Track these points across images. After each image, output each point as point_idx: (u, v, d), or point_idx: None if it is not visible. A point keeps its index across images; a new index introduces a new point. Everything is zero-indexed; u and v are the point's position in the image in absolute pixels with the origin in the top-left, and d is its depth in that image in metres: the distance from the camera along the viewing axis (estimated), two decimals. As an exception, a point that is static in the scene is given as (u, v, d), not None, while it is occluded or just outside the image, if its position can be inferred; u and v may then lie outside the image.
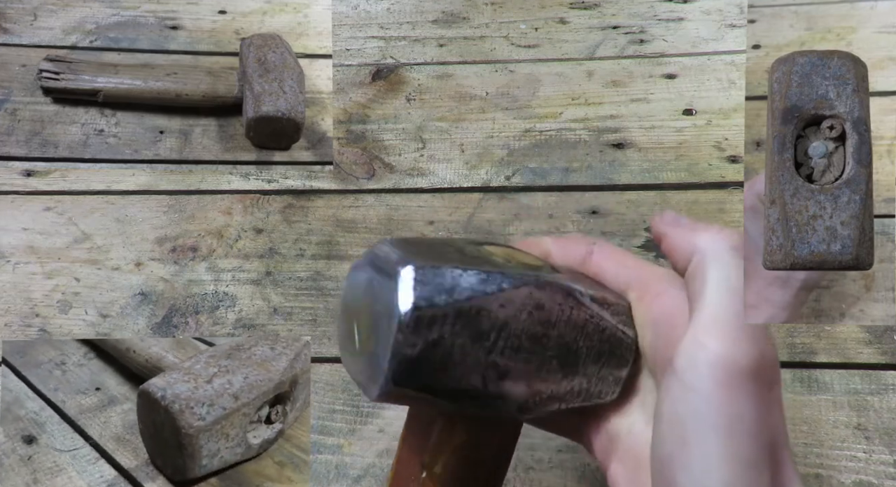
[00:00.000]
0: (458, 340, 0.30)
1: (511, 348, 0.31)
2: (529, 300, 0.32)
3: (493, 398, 0.32)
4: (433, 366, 0.30)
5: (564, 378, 0.33)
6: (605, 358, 0.34)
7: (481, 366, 0.31)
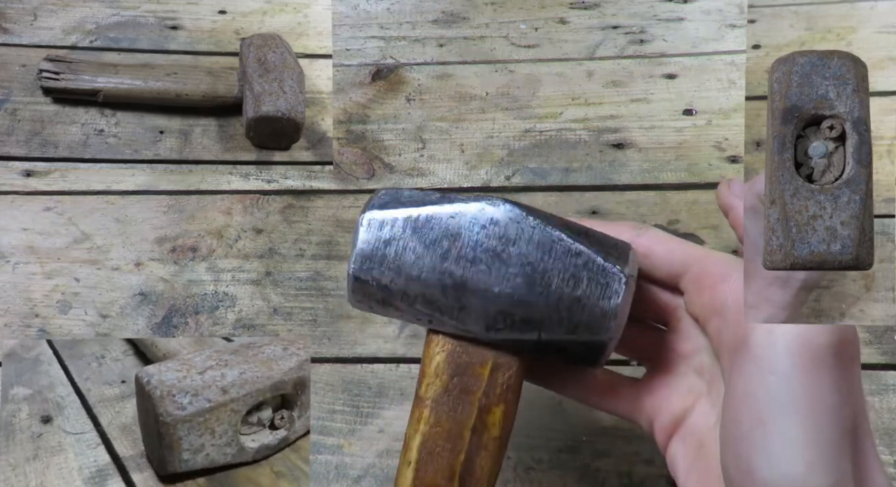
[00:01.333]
0: (411, 243, 0.34)
1: (466, 259, 0.33)
2: (482, 214, 0.34)
3: (454, 308, 0.33)
4: (388, 263, 0.34)
5: (535, 301, 0.33)
6: (586, 287, 0.33)
7: (437, 272, 0.33)
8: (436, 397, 0.35)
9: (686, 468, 0.35)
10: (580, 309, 0.33)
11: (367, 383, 0.58)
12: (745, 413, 0.29)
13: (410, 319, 0.35)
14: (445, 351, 0.35)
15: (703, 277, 0.34)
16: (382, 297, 0.35)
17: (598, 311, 0.33)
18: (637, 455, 0.56)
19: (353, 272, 0.35)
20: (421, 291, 0.34)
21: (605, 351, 0.34)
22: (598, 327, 0.33)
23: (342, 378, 0.59)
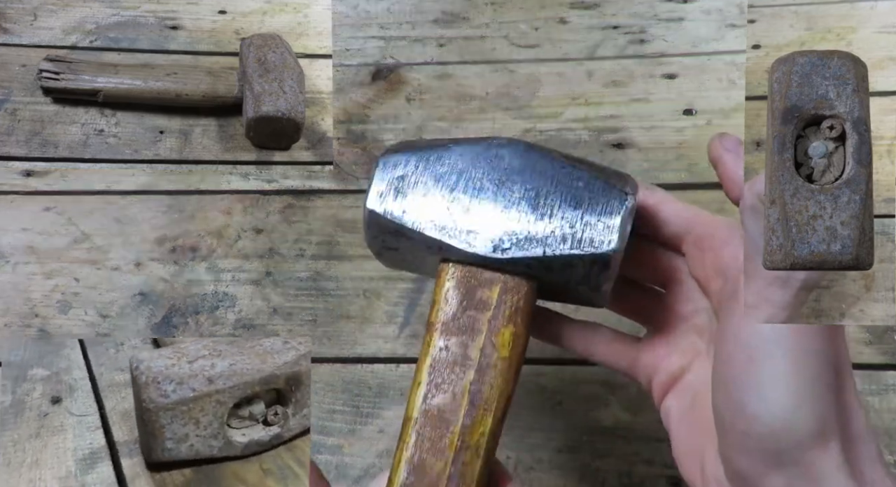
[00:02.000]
0: (422, 178, 0.36)
1: (473, 187, 0.36)
2: (488, 151, 0.37)
3: (462, 232, 0.36)
4: (400, 196, 0.36)
5: (539, 219, 0.35)
6: (588, 205, 0.35)
7: (446, 200, 0.36)
8: (445, 321, 0.35)
9: (678, 418, 0.37)
10: (583, 224, 0.35)
11: (367, 383, 0.58)
12: (736, 355, 0.31)
13: (421, 249, 0.37)
14: (455, 278, 0.36)
15: (707, 239, 0.36)
16: (395, 228, 0.37)
17: (600, 225, 0.35)
18: (637, 455, 0.56)
19: (368, 206, 0.37)
20: (431, 218, 0.36)
21: (608, 270, 0.35)
22: (600, 240, 0.35)
23: (342, 378, 0.59)
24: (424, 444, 0.34)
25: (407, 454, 0.34)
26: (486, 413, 0.34)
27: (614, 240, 0.35)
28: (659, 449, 0.55)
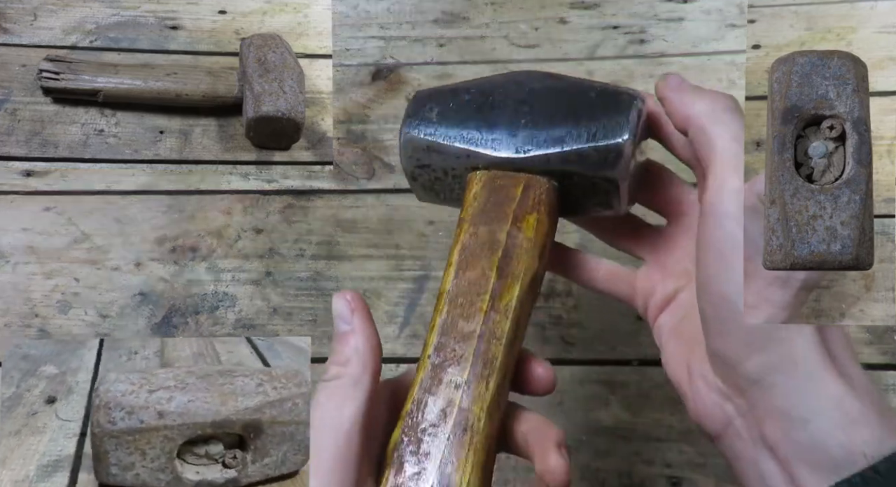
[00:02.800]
0: (451, 104, 0.41)
1: (497, 105, 0.40)
2: (509, 79, 0.41)
3: (487, 140, 0.40)
4: (432, 119, 0.41)
5: (556, 124, 0.39)
6: (601, 108, 0.39)
7: (472, 118, 0.40)
8: (474, 213, 0.39)
9: (669, 331, 0.40)
10: (596, 123, 0.38)
11: (367, 383, 0.58)
12: (711, 256, 0.35)
13: (451, 160, 0.41)
14: (483, 182, 0.40)
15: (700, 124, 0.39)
16: (427, 145, 0.41)
17: (612, 123, 0.38)
18: (637, 455, 0.56)
19: (404, 129, 0.42)
20: (459, 132, 0.40)
21: (622, 160, 0.38)
22: (613, 133, 0.38)
23: (342, 378, 0.59)
24: (456, 310, 0.36)
25: (440, 319, 0.36)
26: (513, 282, 0.37)
27: (625, 132, 0.38)
28: (659, 449, 0.55)
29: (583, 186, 0.39)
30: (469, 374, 0.35)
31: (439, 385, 0.35)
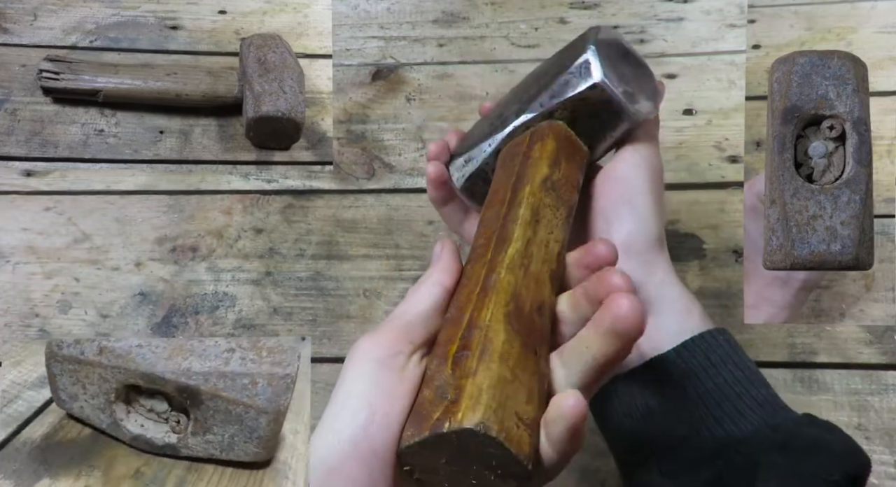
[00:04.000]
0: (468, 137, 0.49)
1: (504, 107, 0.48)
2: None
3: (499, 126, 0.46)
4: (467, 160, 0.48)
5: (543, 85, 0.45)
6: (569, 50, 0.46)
7: (487, 123, 0.48)
8: (498, 172, 0.44)
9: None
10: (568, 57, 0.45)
11: (367, 383, 0.58)
12: (618, 187, 0.44)
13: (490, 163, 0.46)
14: (503, 153, 0.45)
15: None
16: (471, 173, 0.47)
17: (579, 49, 0.44)
18: (637, 455, 0.56)
19: (458, 188, 0.48)
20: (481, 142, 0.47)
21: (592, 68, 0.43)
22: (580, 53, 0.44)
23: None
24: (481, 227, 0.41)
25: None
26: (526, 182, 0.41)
27: (588, 50, 0.43)
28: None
29: (586, 112, 0.44)
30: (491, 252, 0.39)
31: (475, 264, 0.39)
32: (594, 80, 0.42)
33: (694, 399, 0.40)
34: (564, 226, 0.40)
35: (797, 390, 0.56)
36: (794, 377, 0.57)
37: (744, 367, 0.41)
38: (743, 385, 0.40)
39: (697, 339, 0.41)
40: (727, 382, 0.40)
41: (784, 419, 0.40)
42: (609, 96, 0.43)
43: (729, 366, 0.41)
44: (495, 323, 0.34)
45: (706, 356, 0.41)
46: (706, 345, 0.41)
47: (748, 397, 0.40)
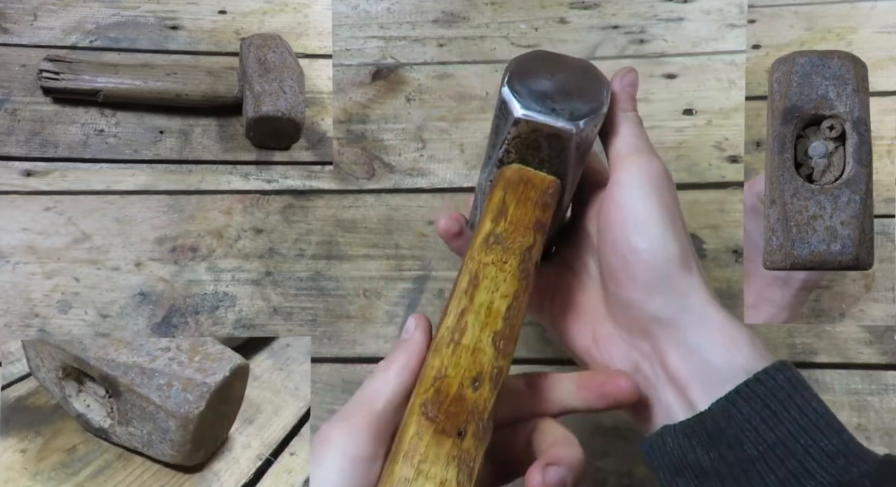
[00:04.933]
0: None
1: None
2: None
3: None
4: None
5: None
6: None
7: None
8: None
9: (568, 316, 0.46)
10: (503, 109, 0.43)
11: (367, 383, 0.58)
12: (618, 217, 0.41)
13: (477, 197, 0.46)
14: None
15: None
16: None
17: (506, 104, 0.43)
18: (637, 455, 0.56)
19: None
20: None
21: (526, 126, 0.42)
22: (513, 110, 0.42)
23: (342, 378, 0.59)
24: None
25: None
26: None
27: (514, 109, 0.41)
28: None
29: (529, 147, 0.42)
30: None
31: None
32: (515, 117, 0.41)
33: (753, 457, 0.35)
34: (517, 275, 0.39)
35: (797, 390, 0.56)
36: (794, 377, 0.57)
37: (809, 411, 0.36)
38: (810, 434, 0.35)
39: (753, 383, 0.36)
40: (791, 433, 0.35)
41: (861, 473, 0.34)
42: (537, 125, 0.41)
43: (792, 413, 0.35)
44: (409, 417, 0.35)
45: (764, 403, 0.36)
46: (763, 390, 0.36)
47: (816, 450, 0.35)
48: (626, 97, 0.44)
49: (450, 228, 0.47)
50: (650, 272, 0.39)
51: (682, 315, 0.39)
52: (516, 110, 0.41)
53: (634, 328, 0.41)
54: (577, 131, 0.41)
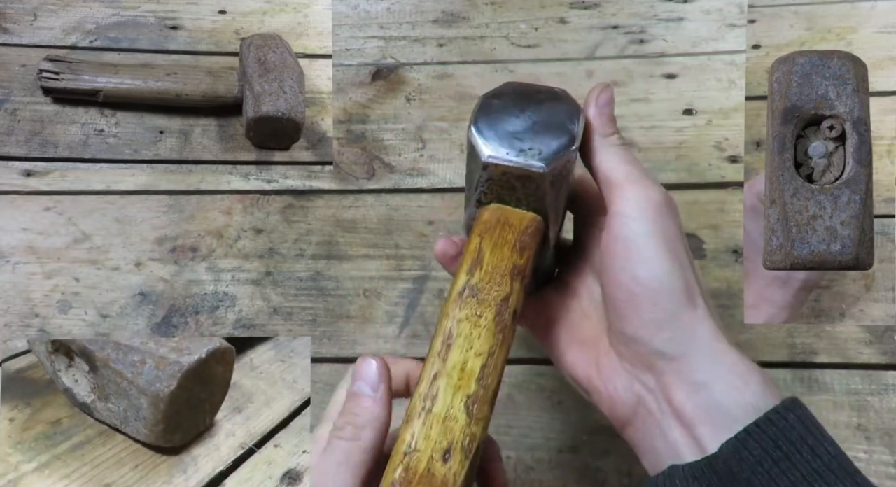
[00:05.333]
0: None
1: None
2: None
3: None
4: None
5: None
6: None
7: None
8: None
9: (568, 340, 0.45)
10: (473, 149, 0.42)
11: (367, 383, 0.58)
12: (620, 250, 0.39)
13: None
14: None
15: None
16: None
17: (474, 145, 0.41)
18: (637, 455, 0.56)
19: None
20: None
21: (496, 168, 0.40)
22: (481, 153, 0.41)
23: (342, 378, 0.59)
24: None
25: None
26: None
27: (481, 153, 0.40)
28: (659, 449, 0.55)
29: (503, 189, 0.41)
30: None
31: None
32: (482, 161, 0.40)
33: None
34: (492, 329, 0.38)
35: (797, 390, 0.56)
36: (794, 377, 0.57)
37: (822, 453, 0.35)
38: (824, 478, 0.34)
39: (763, 423, 0.35)
40: (804, 477, 0.34)
41: None
42: (506, 169, 0.40)
43: (804, 455, 0.35)
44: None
45: (776, 444, 0.35)
46: (774, 430, 0.35)
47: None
48: (605, 120, 0.43)
49: (446, 251, 0.45)
50: (655, 307, 0.38)
51: (688, 350, 0.38)
52: (483, 154, 0.40)
53: (638, 361, 0.40)
54: (548, 170, 0.39)
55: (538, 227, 0.41)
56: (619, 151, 0.42)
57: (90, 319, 0.60)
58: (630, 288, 0.39)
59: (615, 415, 0.41)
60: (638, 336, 0.39)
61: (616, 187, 0.41)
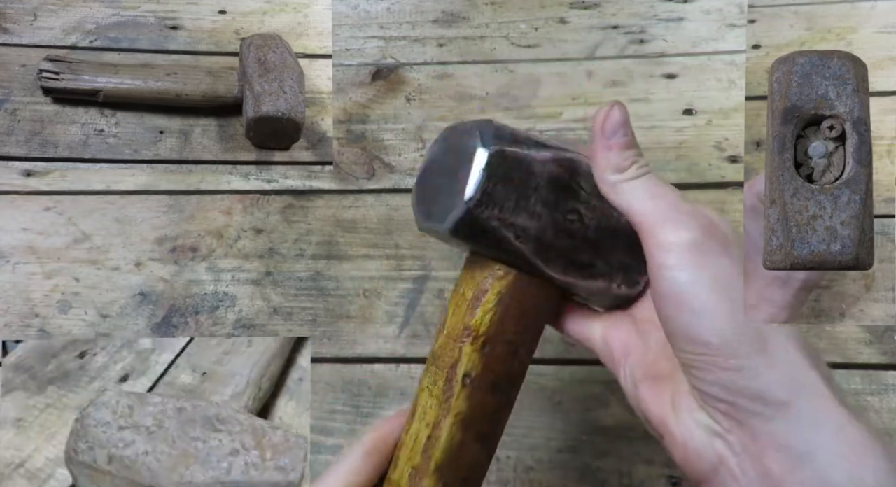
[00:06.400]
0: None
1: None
2: None
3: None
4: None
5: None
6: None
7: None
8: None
9: (643, 374, 0.40)
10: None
11: (367, 383, 0.58)
12: (670, 307, 0.35)
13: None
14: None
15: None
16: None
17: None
18: (637, 455, 0.56)
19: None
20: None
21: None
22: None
23: (342, 378, 0.59)
24: None
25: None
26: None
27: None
28: (659, 449, 0.55)
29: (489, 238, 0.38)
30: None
31: None
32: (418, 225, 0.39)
33: None
34: (440, 398, 0.36)
35: (797, 390, 0.56)
36: (794, 377, 0.57)
37: None
38: None
39: None
40: None
41: None
42: (430, 233, 0.39)
43: None
44: None
45: None
46: None
47: None
48: (616, 153, 0.38)
49: None
50: (729, 363, 0.33)
51: (781, 408, 0.32)
52: (417, 222, 0.39)
53: (727, 416, 0.34)
54: (451, 227, 0.36)
55: (496, 276, 0.37)
56: (639, 186, 0.37)
57: (90, 319, 0.60)
58: (693, 350, 0.34)
59: (691, 469, 0.36)
60: (720, 395, 0.34)
61: (646, 233, 0.36)
